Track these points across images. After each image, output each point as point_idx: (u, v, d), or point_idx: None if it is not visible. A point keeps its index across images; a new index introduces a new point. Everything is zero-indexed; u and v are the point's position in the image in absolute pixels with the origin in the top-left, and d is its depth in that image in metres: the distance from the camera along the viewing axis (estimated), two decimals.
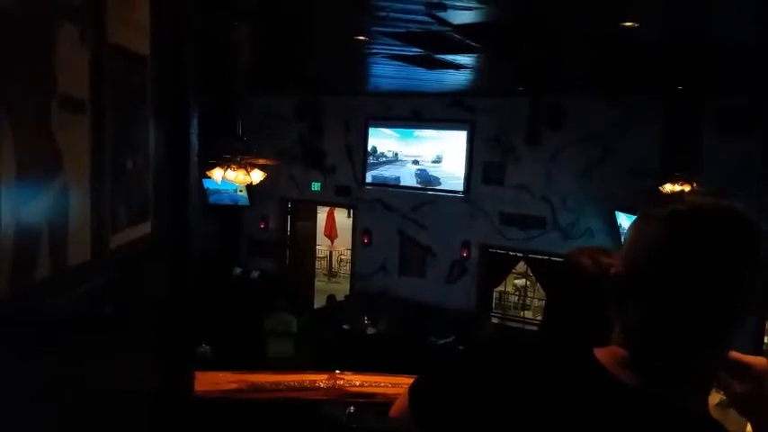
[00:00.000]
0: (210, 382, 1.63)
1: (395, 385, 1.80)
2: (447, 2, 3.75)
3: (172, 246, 0.92)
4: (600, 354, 0.96)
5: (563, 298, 1.40)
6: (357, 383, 1.77)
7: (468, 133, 8.54)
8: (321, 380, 1.73)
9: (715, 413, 1.58)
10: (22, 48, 0.58)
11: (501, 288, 9.84)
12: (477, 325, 7.76)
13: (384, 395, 1.78)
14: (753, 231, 0.87)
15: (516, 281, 10.80)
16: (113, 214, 0.76)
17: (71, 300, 0.66)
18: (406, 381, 1.77)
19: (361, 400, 1.81)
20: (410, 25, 4.44)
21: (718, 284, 0.85)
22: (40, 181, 0.61)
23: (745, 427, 1.10)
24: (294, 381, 1.71)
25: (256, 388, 1.66)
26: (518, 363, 1.00)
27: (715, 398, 2.14)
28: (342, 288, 10.70)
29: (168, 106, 0.94)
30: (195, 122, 1.08)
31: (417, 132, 9.04)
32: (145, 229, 0.85)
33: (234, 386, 1.66)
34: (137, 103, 0.84)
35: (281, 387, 1.69)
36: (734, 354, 0.95)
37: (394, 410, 1.18)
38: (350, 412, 3.83)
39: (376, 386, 1.78)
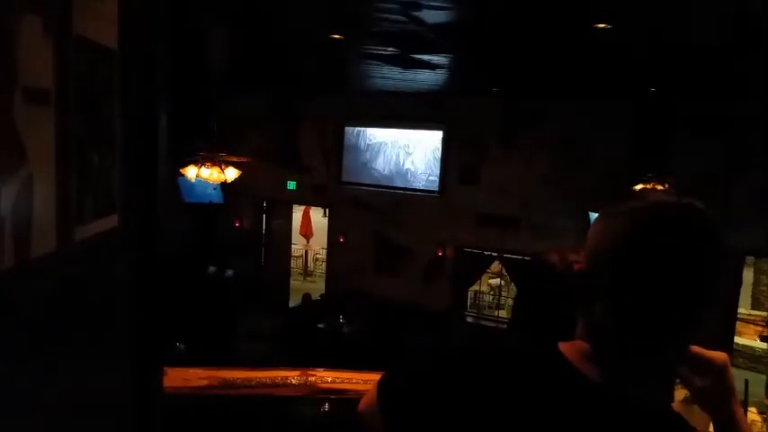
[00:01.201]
0: (181, 378, 1.62)
1: (366, 382, 1.81)
2: (422, 1, 3.78)
3: (139, 239, 0.92)
4: (565, 348, 0.97)
5: (532, 295, 1.42)
6: (329, 380, 1.78)
7: (443, 133, 8.61)
8: (293, 376, 1.74)
9: (680, 408, 1.63)
10: None
11: (476, 287, 9.93)
12: (451, 324, 7.83)
13: (356, 391, 1.78)
14: (712, 228, 0.88)
15: (491, 280, 10.90)
16: (79, 206, 0.75)
17: (35, 291, 0.66)
18: (378, 377, 1.79)
19: (332, 397, 1.81)
20: (385, 24, 4.46)
21: (678, 280, 0.86)
22: (3, 172, 0.61)
23: (710, 422, 1.12)
24: (266, 377, 1.70)
25: (227, 384, 1.66)
26: (485, 360, 1.01)
27: (681, 393, 2.19)
28: (317, 287, 10.67)
29: (136, 100, 0.94)
30: (164, 117, 1.08)
31: (393, 132, 9.07)
32: (112, 222, 0.85)
33: (204, 382, 1.65)
34: (104, 95, 0.84)
35: (252, 383, 1.68)
36: (695, 348, 0.96)
37: (362, 405, 1.18)
38: (324, 410, 3.81)
39: (348, 383, 1.79)
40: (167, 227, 1.10)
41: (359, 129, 9.29)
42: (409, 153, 8.94)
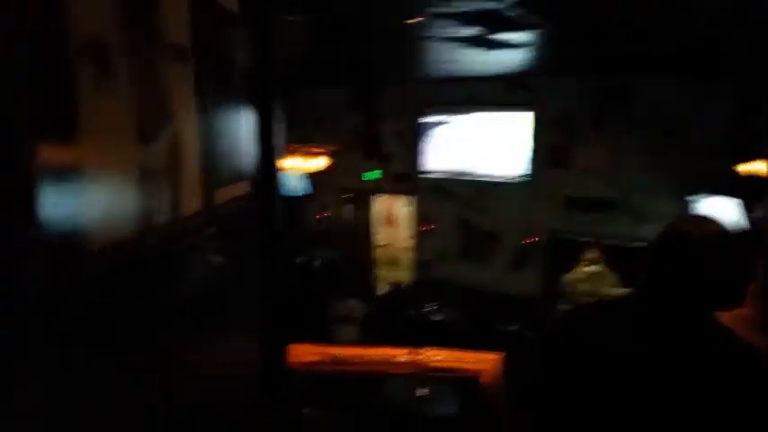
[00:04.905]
0: (293, 354, 1.63)
1: (477, 361, 1.76)
2: None
3: (268, 205, 0.92)
4: (725, 318, 0.90)
5: (669, 266, 1.34)
6: (438, 359, 1.74)
7: (530, 116, 8.33)
8: (401, 354, 1.71)
9: None
10: None
11: (570, 276, 9.57)
12: (544, 314, 7.60)
13: (465, 370, 1.74)
14: None
15: (586, 268, 10.46)
16: (218, 169, 0.75)
17: (185, 247, 0.66)
18: (489, 357, 1.73)
19: (441, 375, 1.78)
20: (465, 4, 4.34)
21: None
22: (157, 128, 0.61)
23: None
24: (375, 354, 1.69)
25: (338, 361, 1.66)
26: (631, 331, 0.95)
27: None
28: (404, 276, 10.70)
29: (258, 67, 0.94)
30: (279, 88, 1.07)
31: (476, 117, 8.89)
32: (245, 187, 0.85)
33: (316, 358, 1.66)
34: (228, 58, 0.84)
35: (362, 360, 1.68)
36: None
37: (486, 379, 1.17)
38: (421, 396, 3.76)
39: (458, 361, 1.74)
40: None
41: (441, 114, 9.17)
42: (494, 137, 8.73)
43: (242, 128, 0.86)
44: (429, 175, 9.26)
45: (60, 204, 0.55)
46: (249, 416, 1.13)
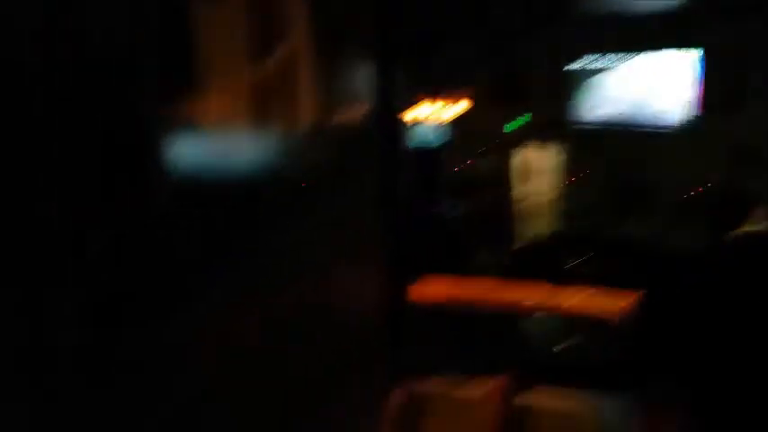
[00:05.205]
0: (424, 292, 1.68)
1: (613, 301, 1.68)
2: None
3: (388, 128, 0.94)
4: None
5: None
6: (574, 299, 1.68)
7: (694, 58, 7.43)
8: (537, 294, 1.68)
9: None
10: None
11: (737, 234, 8.61)
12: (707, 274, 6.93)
13: (602, 310, 1.67)
14: None
15: (755, 227, 9.33)
16: (332, 89, 0.79)
17: (302, 167, 0.70)
18: (630, 297, 1.63)
19: (577, 315, 1.73)
20: None
21: None
22: (271, 45, 0.65)
23: None
24: (511, 292, 1.68)
25: (471, 297, 1.67)
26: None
27: None
28: (546, 229, 10.33)
29: None
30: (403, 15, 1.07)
31: (633, 61, 8.12)
32: (362, 108, 0.88)
33: (448, 294, 1.69)
34: None
35: (496, 297, 1.67)
36: None
37: (620, 317, 1.13)
38: (567, 345, 3.59)
39: (594, 302, 1.67)
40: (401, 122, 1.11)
41: (591, 61, 8.52)
42: (653, 83, 7.95)
43: (361, 51, 0.88)
44: (579, 125, 8.71)
45: (183, 125, 0.62)
46: (372, 353, 1.20)
